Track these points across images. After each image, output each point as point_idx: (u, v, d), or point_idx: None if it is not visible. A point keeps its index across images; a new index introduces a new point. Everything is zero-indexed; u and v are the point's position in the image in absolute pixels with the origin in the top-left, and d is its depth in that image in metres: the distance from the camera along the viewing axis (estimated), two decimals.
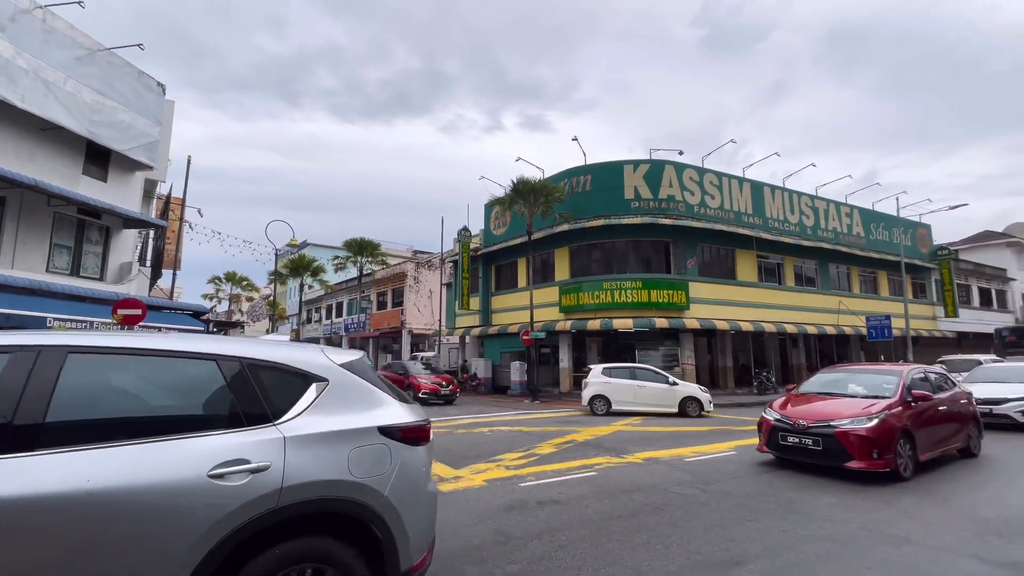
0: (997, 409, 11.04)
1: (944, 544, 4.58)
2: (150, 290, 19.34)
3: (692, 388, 15.25)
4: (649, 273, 21.39)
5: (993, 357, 19.71)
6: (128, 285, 16.12)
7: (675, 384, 15.14)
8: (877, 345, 27.00)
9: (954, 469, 7.64)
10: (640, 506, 5.75)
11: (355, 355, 3.14)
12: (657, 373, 15.63)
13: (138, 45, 14.92)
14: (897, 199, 29.79)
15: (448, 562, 4.17)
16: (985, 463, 8.06)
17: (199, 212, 23.16)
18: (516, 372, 22.71)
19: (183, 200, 20.28)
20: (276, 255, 26.28)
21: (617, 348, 22.20)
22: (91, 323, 12.52)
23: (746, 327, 21.71)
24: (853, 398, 7.47)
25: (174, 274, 20.06)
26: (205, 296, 45.73)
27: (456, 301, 27.65)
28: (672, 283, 20.89)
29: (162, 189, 21.40)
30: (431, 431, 3.14)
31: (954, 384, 8.69)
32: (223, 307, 48.41)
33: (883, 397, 7.20)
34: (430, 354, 31.41)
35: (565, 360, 22.37)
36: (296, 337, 31.40)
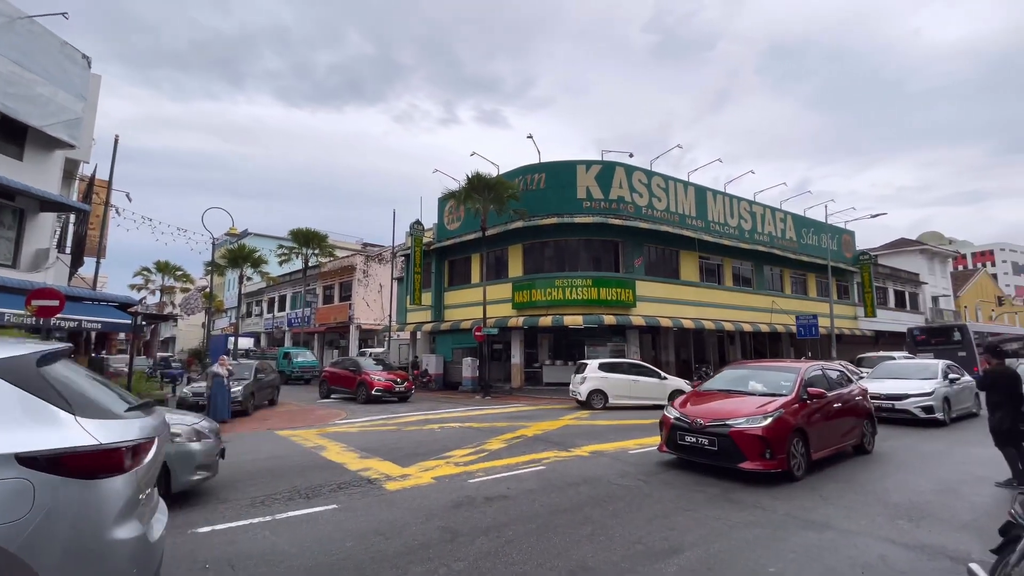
0: (899, 404, 11.61)
1: (860, 528, 4.98)
2: (70, 279, 17.82)
3: (680, 382, 16.44)
4: (599, 272, 21.87)
5: (905, 354, 21.53)
6: (45, 273, 14.79)
7: (665, 378, 16.20)
8: (805, 342, 28.90)
9: (863, 460, 8.29)
10: (586, 499, 5.90)
11: (12, 350, 2.36)
12: (648, 368, 16.56)
13: (62, 14, 13.66)
14: (826, 206, 32.03)
15: (393, 562, 4.13)
16: (893, 453, 8.80)
17: (127, 196, 21.47)
18: (468, 368, 22.63)
19: (109, 183, 18.74)
20: (213, 244, 24.77)
21: (567, 344, 22.62)
22: (2, 315, 11.40)
23: (688, 324, 22.67)
24: (752, 396, 7.35)
25: (97, 262, 18.52)
26: (133, 287, 42.60)
27: (407, 296, 27.19)
28: (620, 281, 21.47)
29: (85, 170, 19.74)
30: (131, 456, 2.36)
31: (851, 380, 8.72)
32: (154, 299, 45.33)
33: (780, 395, 7.09)
34: (379, 350, 30.77)
35: (517, 356, 22.53)
36: (235, 331, 29.82)
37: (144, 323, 18.13)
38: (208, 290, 32.37)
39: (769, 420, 6.51)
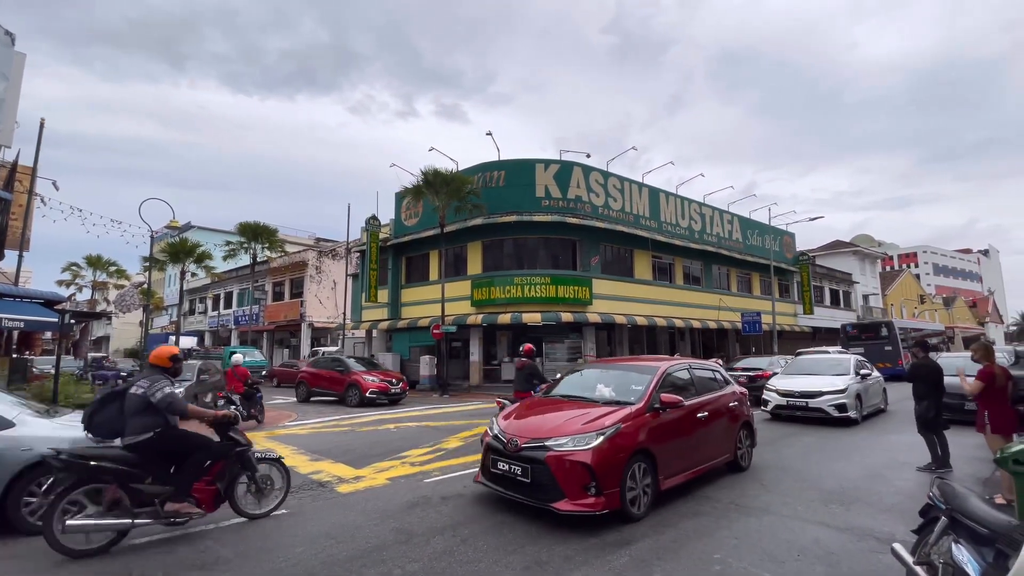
0: (812, 402, 11.10)
1: (797, 513, 5.29)
2: None
3: None
4: (557, 269, 22.12)
5: (839, 349, 22.99)
6: None
7: None
8: (750, 338, 30.33)
9: (801, 449, 8.79)
10: None
11: None
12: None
13: None
14: (769, 209, 33.68)
15: (345, 566, 4.04)
16: (823, 443, 9.36)
17: (54, 184, 19.83)
18: (425, 367, 22.38)
19: (33, 169, 17.30)
20: (152, 238, 23.32)
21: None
22: None
23: (641, 321, 23.32)
24: (596, 405, 5.72)
25: (20, 256, 17.07)
26: (60, 283, 39.51)
27: (363, 293, 26.56)
28: (577, 279, 21.81)
29: (7, 156, 18.13)
30: None
31: (728, 382, 7.39)
32: (85, 295, 42.20)
33: (627, 404, 5.58)
34: (334, 348, 29.94)
35: (475, 354, 22.47)
36: (176, 330, 28.21)
37: (73, 322, 16.85)
38: (146, 286, 30.43)
39: (600, 440, 4.94)
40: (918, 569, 2.74)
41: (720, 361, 16.01)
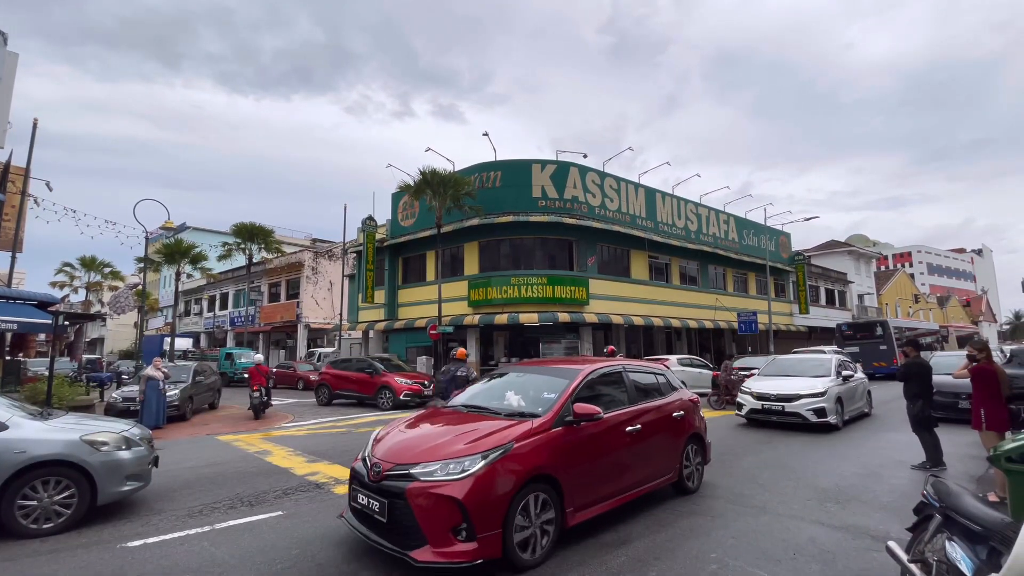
0: (789, 407, 10.30)
1: (793, 512, 5.31)
2: None
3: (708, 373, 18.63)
4: (554, 270, 22.15)
5: (835, 348, 23.11)
6: None
7: (712, 368, 18.38)
8: (746, 338, 30.45)
9: (799, 447, 8.81)
10: None
11: None
12: (702, 362, 18.95)
13: None
14: (765, 209, 33.80)
15: (341, 568, 4.03)
16: (818, 440, 9.39)
17: (47, 185, 19.69)
18: (422, 367, 22.37)
19: (26, 170, 17.20)
20: (147, 239, 23.18)
21: (522, 342, 22.77)
22: None
23: (638, 321, 23.36)
24: (496, 418, 4.58)
25: (13, 257, 16.96)
26: (54, 285, 39.27)
27: (359, 294, 26.53)
28: (574, 279, 21.84)
29: (0, 156, 18.01)
30: None
31: (674, 387, 6.19)
32: (79, 296, 41.93)
33: (534, 415, 4.46)
34: (330, 350, 29.87)
35: (472, 354, 22.46)
36: (171, 331, 28.08)
37: (67, 323, 16.75)
38: (141, 287, 30.25)
39: (480, 465, 3.82)
40: (913, 567, 2.75)
41: (728, 361, 16.40)
